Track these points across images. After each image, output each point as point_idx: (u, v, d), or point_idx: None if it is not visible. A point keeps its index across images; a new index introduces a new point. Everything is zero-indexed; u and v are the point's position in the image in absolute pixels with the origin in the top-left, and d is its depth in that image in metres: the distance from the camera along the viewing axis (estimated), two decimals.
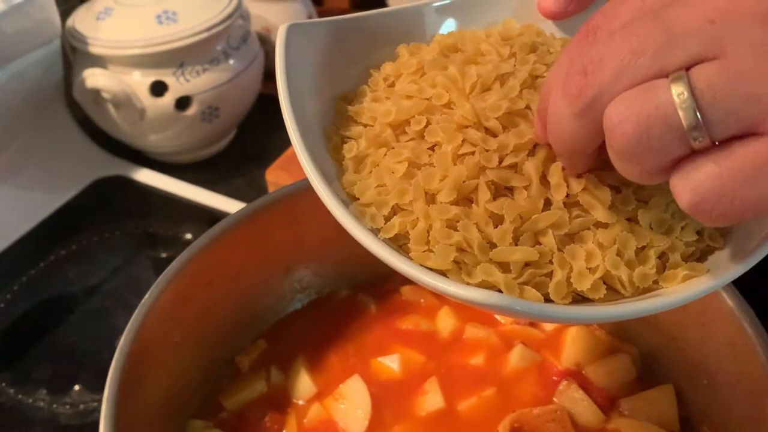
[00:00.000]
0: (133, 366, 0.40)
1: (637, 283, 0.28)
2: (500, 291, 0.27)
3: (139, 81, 0.71)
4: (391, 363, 0.50)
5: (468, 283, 0.27)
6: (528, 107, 0.30)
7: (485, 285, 0.27)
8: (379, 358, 0.50)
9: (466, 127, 0.30)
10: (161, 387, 0.44)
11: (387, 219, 0.30)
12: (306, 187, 0.49)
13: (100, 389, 0.38)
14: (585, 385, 0.47)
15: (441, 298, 0.55)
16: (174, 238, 0.73)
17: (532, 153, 0.29)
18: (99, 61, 0.71)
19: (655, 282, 0.28)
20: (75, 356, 0.61)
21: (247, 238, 0.49)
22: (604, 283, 0.28)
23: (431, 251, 0.28)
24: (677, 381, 0.46)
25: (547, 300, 0.27)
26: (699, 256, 0.29)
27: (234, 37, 0.76)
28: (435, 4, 0.39)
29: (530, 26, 0.38)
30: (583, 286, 0.27)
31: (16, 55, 0.69)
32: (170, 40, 0.69)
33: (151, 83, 0.71)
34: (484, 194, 0.28)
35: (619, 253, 0.28)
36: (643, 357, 0.49)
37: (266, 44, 0.87)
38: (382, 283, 0.56)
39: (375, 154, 0.32)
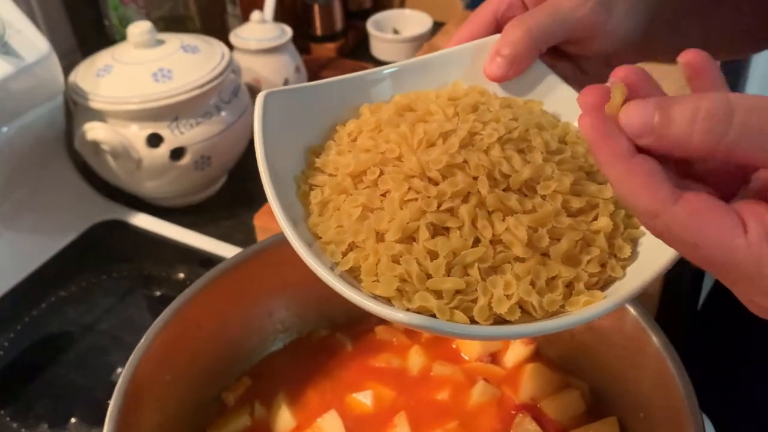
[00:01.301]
0: (129, 404, 0.44)
1: (546, 307, 0.33)
2: (434, 315, 0.32)
3: (136, 134, 0.76)
4: (364, 399, 0.55)
5: (408, 308, 0.32)
6: (465, 161, 0.36)
7: (423, 309, 0.33)
8: (353, 394, 0.55)
9: (413, 177, 0.36)
10: (154, 422, 0.48)
11: (344, 254, 0.35)
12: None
13: (97, 422, 0.43)
14: (539, 418, 0.52)
15: (412, 337, 0.60)
16: (167, 278, 0.78)
17: (466, 199, 0.35)
18: (99, 115, 0.76)
19: (562, 306, 0.33)
20: (73, 391, 0.65)
21: (234, 284, 0.54)
22: (520, 307, 0.33)
23: (378, 281, 0.33)
24: (620, 414, 0.51)
25: (474, 322, 0.33)
26: (603, 285, 0.34)
27: (225, 92, 0.81)
28: (391, 70, 0.44)
29: (475, 87, 0.43)
30: (501, 309, 0.32)
31: (23, 110, 0.74)
32: (165, 96, 0.75)
33: (148, 135, 0.76)
34: (423, 234, 0.34)
35: (532, 283, 0.33)
36: (592, 392, 0.54)
37: (256, 95, 0.92)
38: (359, 324, 0.60)
39: (336, 199, 0.37)
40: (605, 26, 0.42)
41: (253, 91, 0.93)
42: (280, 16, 1.05)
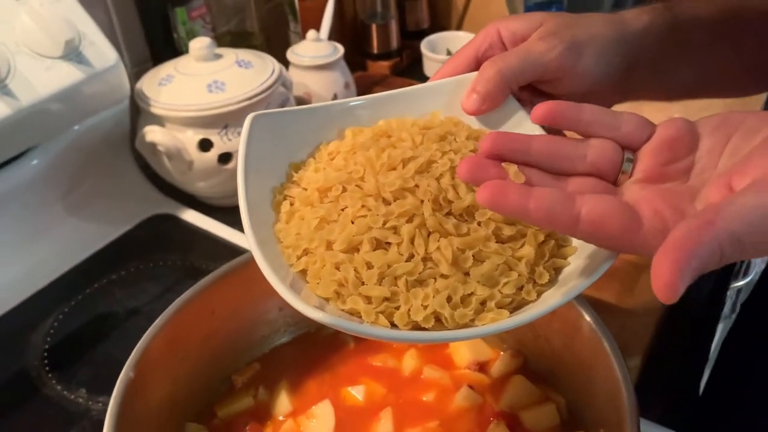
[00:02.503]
0: (139, 374, 0.51)
1: (457, 319, 0.36)
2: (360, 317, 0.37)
3: (189, 138, 0.84)
4: (356, 393, 0.60)
5: (342, 309, 0.37)
6: (416, 185, 0.40)
7: (353, 311, 0.37)
8: (348, 388, 0.60)
9: (369, 196, 0.40)
10: (164, 393, 0.55)
11: (298, 258, 0.40)
12: None
13: None
14: (514, 427, 0.56)
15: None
16: (208, 270, 0.84)
17: (410, 220, 0.39)
18: (158, 120, 0.84)
19: (472, 320, 0.37)
20: (113, 365, 0.73)
21: (248, 277, 0.59)
22: (437, 318, 0.37)
23: (320, 283, 0.38)
24: (587, 428, 0.53)
25: (394, 326, 0.37)
26: (517, 305, 0.38)
27: (273, 104, 0.88)
28: (377, 99, 0.48)
29: (452, 118, 0.47)
30: (417, 318, 0.36)
31: (93, 112, 0.83)
32: (217, 106, 0.82)
33: (199, 140, 0.84)
34: (364, 247, 0.38)
35: (449, 297, 0.37)
36: (568, 407, 0.57)
37: None
38: None
39: (302, 210, 0.42)
40: (575, 69, 0.45)
41: (303, 103, 1.00)
42: (339, 33, 1.12)
